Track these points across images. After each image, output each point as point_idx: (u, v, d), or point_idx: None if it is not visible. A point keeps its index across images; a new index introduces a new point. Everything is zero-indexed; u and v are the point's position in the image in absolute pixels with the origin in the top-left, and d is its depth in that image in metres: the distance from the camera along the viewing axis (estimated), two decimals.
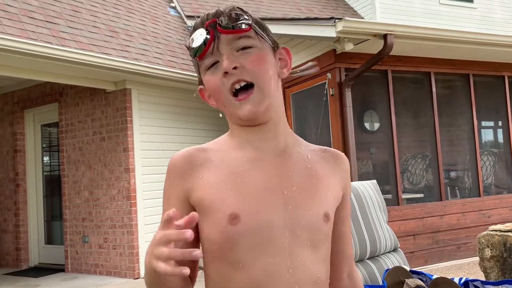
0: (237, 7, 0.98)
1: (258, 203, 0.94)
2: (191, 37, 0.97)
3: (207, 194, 0.95)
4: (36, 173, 7.30)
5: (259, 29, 0.99)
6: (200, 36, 0.96)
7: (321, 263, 0.98)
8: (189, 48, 0.99)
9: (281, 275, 0.92)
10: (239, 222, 0.92)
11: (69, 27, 5.55)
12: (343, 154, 1.11)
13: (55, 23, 5.43)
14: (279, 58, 1.04)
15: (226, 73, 0.95)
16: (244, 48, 0.96)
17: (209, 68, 0.98)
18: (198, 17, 1.02)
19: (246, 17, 0.96)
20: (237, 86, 0.96)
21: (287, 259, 0.93)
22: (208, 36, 0.95)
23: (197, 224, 0.97)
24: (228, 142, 1.04)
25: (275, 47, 1.03)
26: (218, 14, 0.97)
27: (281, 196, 0.96)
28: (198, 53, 0.97)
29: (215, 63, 0.97)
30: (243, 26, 0.95)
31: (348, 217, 1.14)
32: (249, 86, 0.96)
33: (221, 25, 0.95)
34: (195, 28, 0.99)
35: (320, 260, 0.98)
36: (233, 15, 0.96)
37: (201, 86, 1.06)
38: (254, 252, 0.92)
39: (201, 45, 0.96)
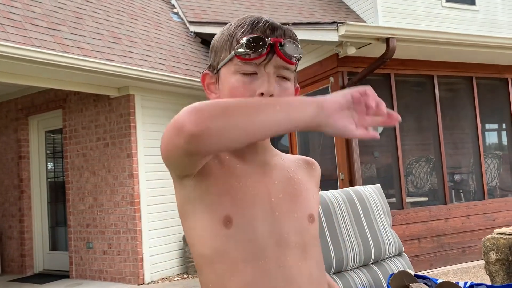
0: (295, 36, 1.02)
1: (249, 208, 0.97)
2: (246, 36, 0.96)
3: (209, 193, 0.96)
4: (40, 179, 7.32)
5: (297, 65, 1.04)
6: (258, 44, 0.95)
7: (310, 261, 1.01)
8: (237, 41, 0.97)
9: (272, 274, 0.95)
10: (232, 226, 0.95)
11: (72, 34, 5.58)
12: (315, 161, 1.18)
13: (58, 30, 5.45)
14: None
15: (262, 94, 0.96)
16: (282, 77, 0.99)
17: (242, 73, 0.98)
18: (253, 24, 0.99)
19: (301, 52, 1.00)
20: None
21: (276, 259, 0.96)
22: (265, 51, 0.95)
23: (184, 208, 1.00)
24: None
25: (295, 82, 1.08)
26: (281, 34, 0.98)
27: (269, 203, 1.00)
28: (245, 56, 0.96)
29: (252, 73, 0.97)
30: (295, 60, 0.99)
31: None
32: None
33: (281, 49, 0.96)
34: (252, 29, 0.98)
35: (309, 258, 1.01)
36: (295, 46, 0.98)
37: (208, 72, 1.05)
38: (245, 256, 0.95)
39: (255, 51, 0.95)
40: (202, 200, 0.97)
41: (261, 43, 0.95)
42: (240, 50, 0.96)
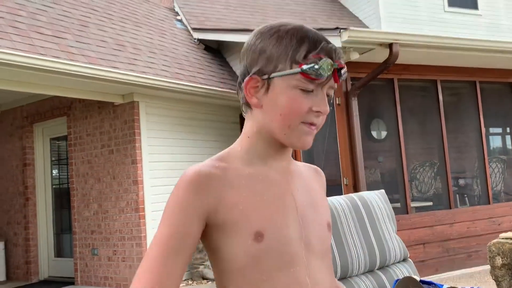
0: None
1: (279, 220, 0.99)
2: (320, 58, 0.97)
3: (232, 215, 0.96)
4: (45, 186, 7.34)
5: None
6: (327, 69, 0.97)
7: (326, 270, 1.05)
8: (305, 57, 0.97)
9: (302, 281, 0.98)
10: (263, 240, 0.95)
11: (77, 41, 5.61)
12: (320, 169, 1.20)
13: (63, 38, 5.49)
14: None
15: (319, 112, 0.99)
16: (327, 95, 1.02)
17: (301, 89, 0.98)
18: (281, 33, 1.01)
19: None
20: (312, 127, 1.01)
21: (305, 268, 0.99)
22: (330, 74, 0.98)
23: (203, 238, 0.99)
24: (238, 156, 1.04)
25: None
26: (339, 58, 1.01)
27: (296, 211, 1.02)
28: (312, 75, 0.96)
29: (310, 90, 0.99)
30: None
31: None
32: None
33: (339, 75, 1.00)
34: (317, 47, 0.98)
35: (324, 267, 1.05)
36: (346, 71, 1.01)
37: (255, 77, 1.01)
38: (277, 265, 0.97)
39: (325, 76, 0.97)
40: (225, 223, 0.96)
41: (328, 67, 0.97)
42: (312, 71, 0.96)
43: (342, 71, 1.00)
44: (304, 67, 0.96)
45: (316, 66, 0.95)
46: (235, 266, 0.96)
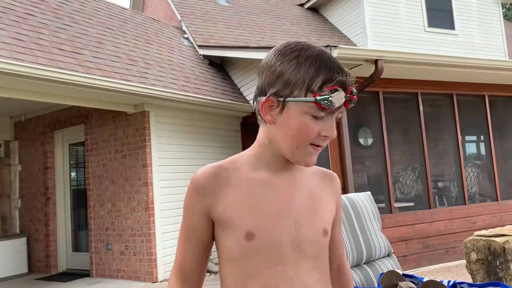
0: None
1: (271, 223, 0.98)
2: (335, 93, 0.94)
3: (228, 212, 0.98)
4: (64, 187, 7.32)
5: None
6: (339, 99, 0.94)
7: (321, 269, 1.03)
8: (320, 87, 0.95)
9: (290, 279, 0.97)
10: (254, 239, 0.96)
11: (93, 57, 5.61)
12: (334, 173, 1.17)
13: (81, 54, 5.49)
14: None
15: (326, 136, 0.98)
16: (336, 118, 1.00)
17: (313, 115, 0.96)
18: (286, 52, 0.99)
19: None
20: (318, 149, 0.99)
21: (293, 266, 0.98)
22: (342, 105, 0.96)
23: (213, 233, 1.02)
24: (247, 161, 1.04)
25: None
26: (352, 84, 0.98)
27: (290, 217, 1.00)
28: (324, 106, 0.94)
29: (321, 117, 0.97)
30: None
31: (339, 224, 1.19)
32: None
33: (350, 103, 0.97)
34: (333, 78, 0.95)
35: (320, 267, 1.03)
36: (356, 99, 0.99)
37: (271, 98, 0.98)
38: (265, 263, 0.96)
39: (337, 106, 0.95)
40: (222, 220, 0.99)
41: (341, 98, 0.94)
42: (326, 102, 0.94)
43: (353, 101, 0.98)
44: (318, 98, 0.94)
45: (330, 99, 0.93)
46: (230, 257, 0.99)
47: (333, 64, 0.97)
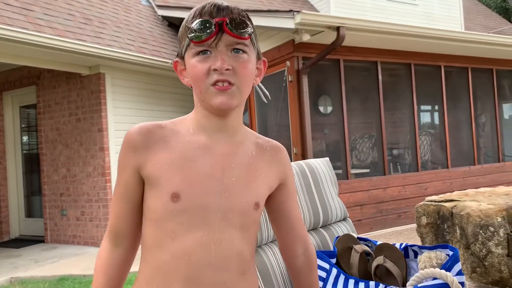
0: (245, 13, 0.98)
1: (199, 187, 0.96)
2: (195, 21, 0.93)
3: (157, 171, 0.96)
4: (15, 151, 7.03)
5: (254, 40, 1.00)
6: (205, 26, 0.93)
7: (246, 242, 1.00)
8: (188, 28, 0.95)
9: (208, 247, 0.94)
10: (179, 201, 0.94)
11: (44, 14, 5.30)
12: (282, 146, 1.13)
13: (31, 10, 5.17)
14: (257, 68, 1.04)
15: (216, 70, 0.93)
16: (237, 50, 0.95)
17: (197, 54, 0.95)
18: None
19: (250, 27, 0.96)
20: (220, 84, 0.94)
21: (215, 235, 0.95)
22: (214, 30, 0.93)
23: (143, 192, 1.00)
24: (187, 124, 1.03)
25: (258, 57, 1.04)
26: (228, 13, 0.95)
27: (221, 184, 0.98)
28: (197, 39, 0.93)
29: (206, 51, 0.95)
30: (246, 35, 0.95)
31: (292, 200, 1.14)
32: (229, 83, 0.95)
33: (228, 26, 0.93)
34: (200, 14, 0.95)
35: (246, 239, 1.00)
36: (242, 22, 0.95)
37: (177, 60, 1.02)
38: (187, 226, 0.94)
39: (203, 34, 0.93)
40: (150, 178, 0.97)
41: (207, 24, 0.92)
42: (192, 35, 0.93)
43: (234, 23, 0.94)
44: (189, 34, 0.94)
45: (192, 28, 0.93)
46: (154, 216, 0.97)
47: (205, 4, 0.97)
